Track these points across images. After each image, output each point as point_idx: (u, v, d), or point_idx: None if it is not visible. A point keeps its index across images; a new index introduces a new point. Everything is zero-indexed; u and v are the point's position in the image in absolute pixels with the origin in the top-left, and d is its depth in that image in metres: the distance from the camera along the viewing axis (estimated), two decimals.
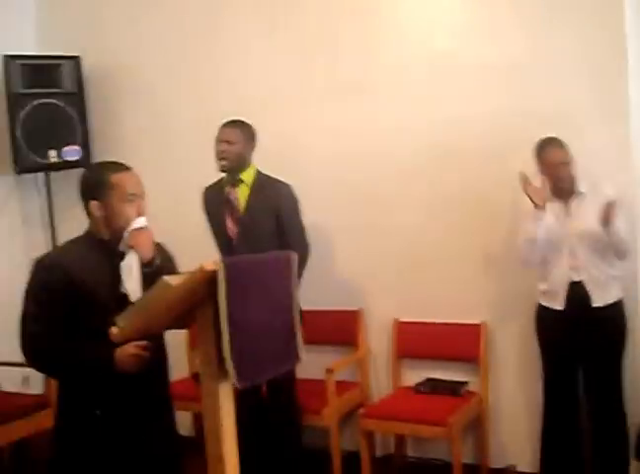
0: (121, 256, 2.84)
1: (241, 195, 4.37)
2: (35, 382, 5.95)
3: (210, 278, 2.30)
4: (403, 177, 4.76)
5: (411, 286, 4.81)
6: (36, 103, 5.46)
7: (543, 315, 4.20)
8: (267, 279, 2.49)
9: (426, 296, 4.78)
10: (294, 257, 2.64)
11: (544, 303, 4.18)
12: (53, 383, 5.08)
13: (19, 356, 5.56)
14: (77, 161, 5.60)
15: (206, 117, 5.22)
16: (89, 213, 2.91)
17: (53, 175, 5.77)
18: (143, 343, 2.72)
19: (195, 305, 2.41)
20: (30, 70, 5.48)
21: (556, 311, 4.10)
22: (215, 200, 4.43)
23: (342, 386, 4.67)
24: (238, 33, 5.19)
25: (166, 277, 2.33)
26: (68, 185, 5.83)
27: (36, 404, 5.07)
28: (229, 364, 2.27)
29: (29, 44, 5.89)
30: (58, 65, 5.57)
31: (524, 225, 4.07)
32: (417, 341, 4.79)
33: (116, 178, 2.84)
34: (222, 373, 2.48)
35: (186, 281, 2.29)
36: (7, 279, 5.73)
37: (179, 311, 2.41)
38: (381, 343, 4.94)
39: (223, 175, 4.44)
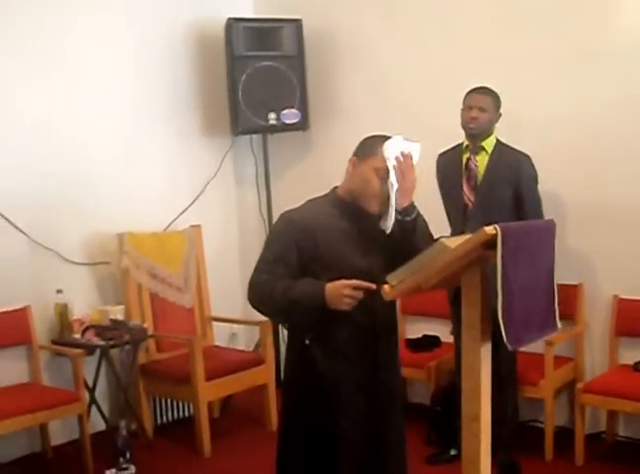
0: (364, 218, 2.90)
1: (481, 162, 4.34)
2: (241, 338, 6.19)
3: (483, 242, 2.32)
4: (632, 147, 4.59)
5: (633, 263, 4.64)
6: (257, 65, 5.53)
7: None
8: (533, 245, 2.49)
9: None
10: (555, 225, 2.64)
11: None
12: (269, 341, 5.25)
13: (228, 313, 5.79)
14: (295, 124, 5.69)
15: (427, 84, 5.22)
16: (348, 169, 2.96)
17: (268, 137, 5.90)
18: (356, 282, 2.70)
19: (463, 268, 2.44)
20: (252, 33, 5.55)
21: None
22: (451, 167, 4.40)
23: (556, 361, 4.57)
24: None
25: (444, 240, 2.37)
26: (283, 147, 5.98)
27: (250, 360, 5.20)
28: (502, 326, 2.28)
29: (248, 8, 6.01)
30: (280, 28, 5.61)
31: None
32: (637, 319, 4.63)
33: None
34: (484, 336, 2.51)
35: (464, 244, 2.31)
36: (220, 239, 5.96)
37: (448, 272, 2.44)
38: (597, 319, 4.82)
39: (457, 142, 4.42)
